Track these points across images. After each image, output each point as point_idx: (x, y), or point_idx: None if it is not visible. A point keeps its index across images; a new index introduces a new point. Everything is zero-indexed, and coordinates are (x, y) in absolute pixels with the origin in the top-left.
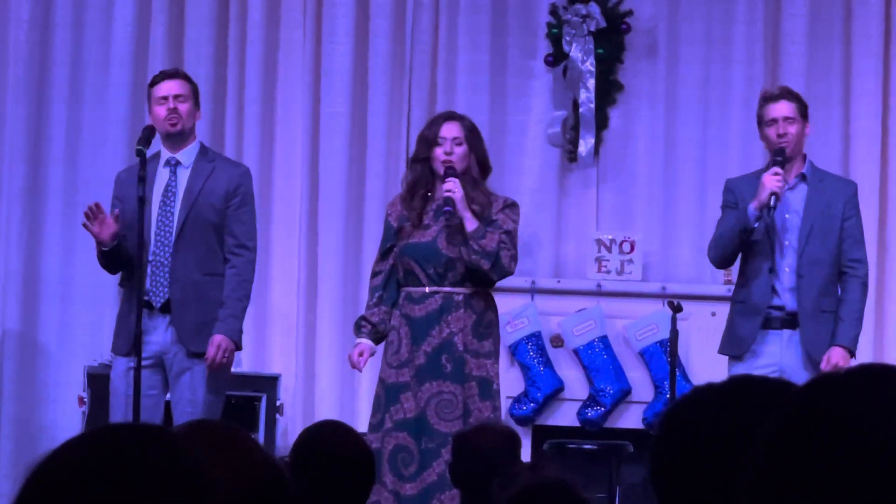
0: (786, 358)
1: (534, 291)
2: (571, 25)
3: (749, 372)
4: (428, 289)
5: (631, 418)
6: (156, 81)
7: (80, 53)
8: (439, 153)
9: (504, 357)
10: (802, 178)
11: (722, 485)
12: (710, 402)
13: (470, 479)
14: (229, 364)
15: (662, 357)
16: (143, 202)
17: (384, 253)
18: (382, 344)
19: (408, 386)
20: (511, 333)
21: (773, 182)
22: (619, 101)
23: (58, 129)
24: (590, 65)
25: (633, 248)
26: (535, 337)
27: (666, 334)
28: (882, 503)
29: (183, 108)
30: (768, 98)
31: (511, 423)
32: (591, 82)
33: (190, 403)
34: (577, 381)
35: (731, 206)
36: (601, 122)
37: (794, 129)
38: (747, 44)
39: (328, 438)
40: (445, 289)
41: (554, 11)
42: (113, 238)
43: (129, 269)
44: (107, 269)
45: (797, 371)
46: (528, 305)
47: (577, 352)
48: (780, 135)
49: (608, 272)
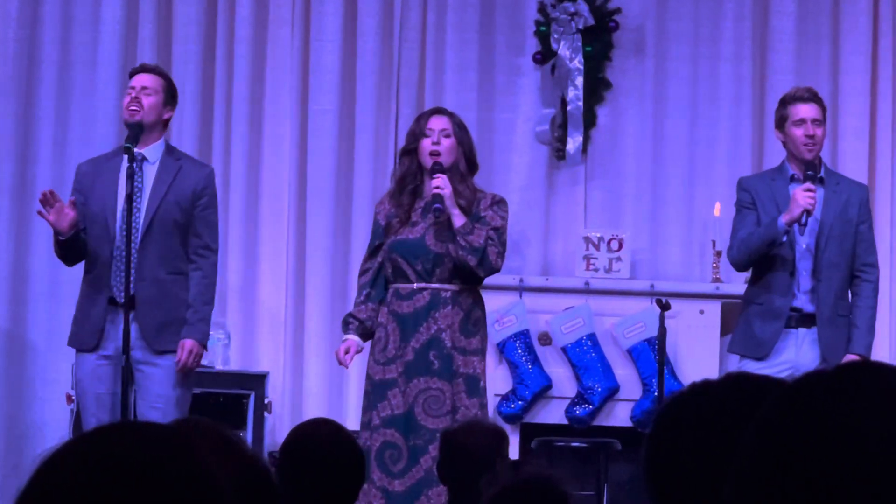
0: (801, 357)
1: (522, 289)
2: (559, 23)
3: (765, 372)
4: (416, 285)
5: (619, 416)
6: (132, 74)
7: (67, 51)
8: (427, 144)
9: (492, 355)
10: (820, 181)
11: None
12: (705, 399)
13: (458, 477)
14: (196, 366)
15: (650, 355)
16: (131, 199)
17: (372, 251)
18: (370, 342)
19: (395, 382)
20: (499, 331)
21: (806, 200)
22: (607, 98)
23: (45, 127)
24: (578, 62)
25: (621, 246)
26: (524, 335)
27: (654, 332)
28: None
29: (147, 101)
30: (797, 98)
31: (499, 420)
32: (580, 80)
33: (159, 398)
34: (566, 378)
35: (747, 206)
36: (589, 120)
37: (820, 132)
38: (735, 41)
39: (318, 437)
40: (433, 285)
41: (542, 9)
42: (71, 227)
43: (90, 261)
44: (63, 261)
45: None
46: (517, 303)
47: (565, 350)
48: (809, 136)
49: (596, 270)
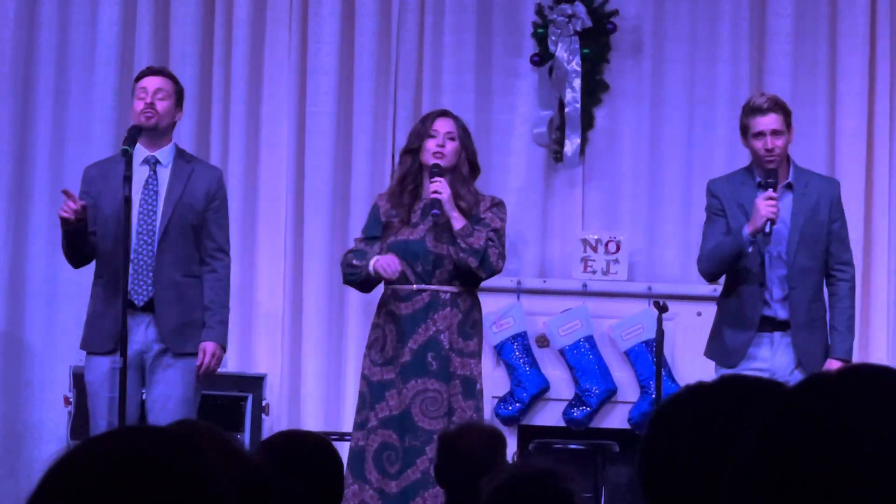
0: (777, 361)
1: (519, 291)
2: (557, 25)
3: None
4: (415, 287)
5: (616, 418)
6: (141, 76)
7: (65, 52)
8: (431, 145)
9: (490, 357)
10: (789, 187)
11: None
12: (700, 401)
13: (455, 480)
14: (217, 369)
15: (648, 357)
16: (128, 202)
17: (368, 239)
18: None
19: (393, 383)
20: (497, 333)
21: (767, 209)
22: (604, 100)
23: (43, 128)
24: (575, 64)
25: (618, 248)
26: (521, 337)
27: (652, 334)
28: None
29: (161, 105)
30: (755, 109)
31: (497, 422)
32: (577, 82)
33: (170, 399)
34: (563, 381)
35: (717, 212)
36: (587, 122)
37: (781, 143)
38: (733, 43)
39: (295, 449)
40: (433, 287)
41: (539, 11)
42: (77, 217)
43: (102, 265)
44: (71, 261)
45: (788, 374)
46: (514, 305)
47: (562, 352)
48: (769, 149)
49: (594, 272)
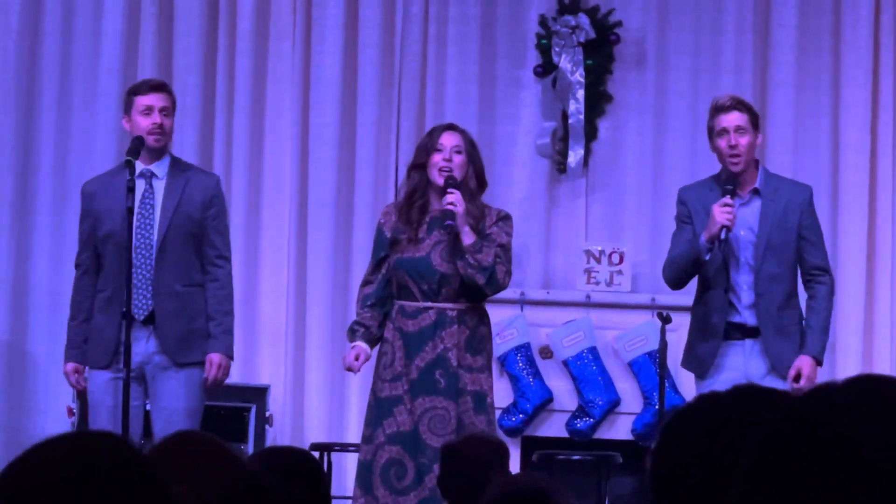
0: (750, 368)
1: (523, 302)
2: (560, 36)
3: (714, 387)
4: (422, 304)
5: (620, 429)
6: (140, 91)
7: (68, 63)
8: (438, 160)
9: (493, 368)
10: (756, 192)
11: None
12: (712, 410)
13: (458, 490)
14: (225, 379)
15: (651, 368)
16: (131, 213)
17: (377, 263)
18: (375, 353)
19: (402, 399)
20: (500, 344)
21: (723, 216)
22: (608, 111)
23: (46, 138)
24: (579, 76)
25: (622, 260)
26: (525, 348)
27: (655, 345)
28: None
29: (167, 124)
30: (719, 108)
31: (500, 433)
32: (581, 93)
33: (174, 412)
34: (567, 392)
35: (684, 219)
36: (590, 133)
37: (745, 141)
38: (736, 54)
39: (275, 464)
40: (439, 304)
41: (543, 22)
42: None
43: (104, 280)
44: None
45: (762, 380)
46: (518, 316)
47: (566, 363)
48: (732, 146)
49: (597, 283)
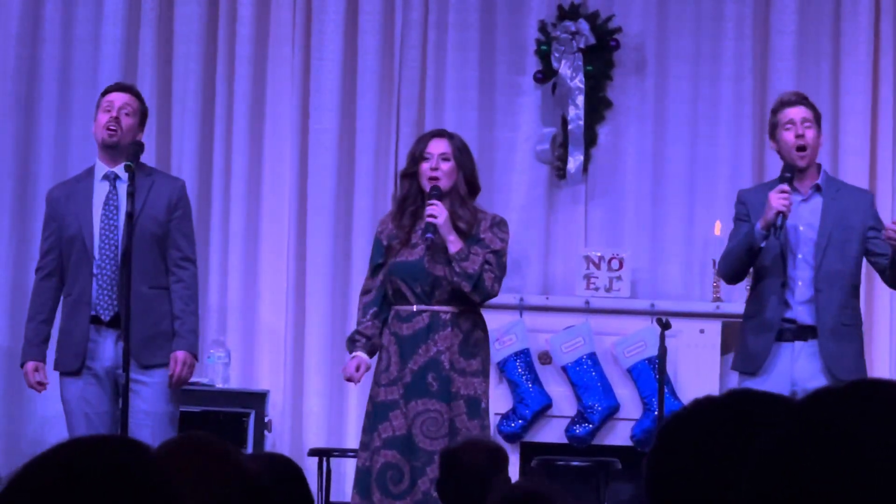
0: (798, 371)
1: (522, 308)
2: (560, 42)
3: (763, 388)
4: (415, 307)
5: (619, 435)
6: (107, 91)
7: (68, 69)
8: (425, 168)
9: (492, 374)
10: (817, 189)
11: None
12: (709, 414)
13: (457, 496)
14: (189, 377)
15: (651, 374)
16: (131, 217)
17: (374, 270)
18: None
19: (397, 404)
20: (499, 350)
21: (779, 201)
22: (607, 117)
23: (46, 144)
24: (579, 81)
25: (621, 265)
26: (524, 354)
27: (654, 351)
28: None
29: (126, 122)
30: (784, 102)
31: (499, 439)
32: (580, 99)
33: (148, 416)
34: (566, 397)
35: (743, 218)
36: (590, 139)
37: (811, 134)
38: (736, 60)
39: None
40: (433, 308)
41: (543, 28)
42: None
43: (70, 284)
44: None
45: (812, 383)
46: (517, 322)
47: (565, 369)
48: (799, 135)
49: (597, 289)
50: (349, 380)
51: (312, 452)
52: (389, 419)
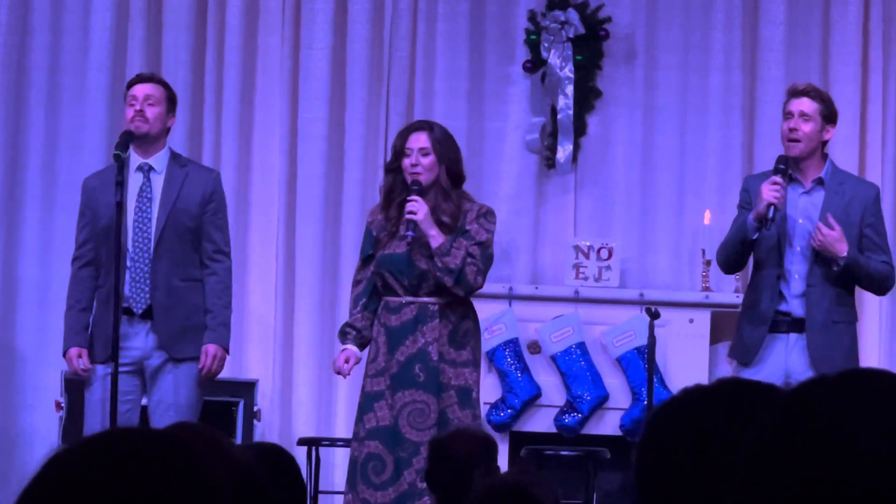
0: (791, 363)
1: (511, 298)
2: (550, 32)
3: (757, 379)
4: (404, 299)
5: (608, 425)
6: (131, 83)
7: (57, 58)
8: (406, 164)
9: (481, 363)
10: (819, 182)
11: (707, 487)
12: (697, 403)
13: (446, 484)
14: (220, 371)
15: (640, 364)
16: (121, 207)
17: (364, 260)
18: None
19: (383, 394)
20: (488, 340)
21: (770, 193)
22: (597, 107)
23: (35, 133)
24: (568, 71)
25: (610, 255)
26: (513, 343)
27: (643, 341)
28: None
29: (150, 112)
30: (791, 92)
31: (488, 429)
32: (570, 89)
33: (172, 407)
34: (555, 387)
35: (745, 205)
36: (579, 129)
37: (807, 128)
38: (725, 51)
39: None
40: (420, 299)
41: (532, 18)
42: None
43: (104, 274)
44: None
45: (802, 375)
46: (506, 312)
47: (554, 358)
48: (791, 129)
49: (586, 279)
50: (338, 372)
51: (301, 442)
52: (374, 409)
